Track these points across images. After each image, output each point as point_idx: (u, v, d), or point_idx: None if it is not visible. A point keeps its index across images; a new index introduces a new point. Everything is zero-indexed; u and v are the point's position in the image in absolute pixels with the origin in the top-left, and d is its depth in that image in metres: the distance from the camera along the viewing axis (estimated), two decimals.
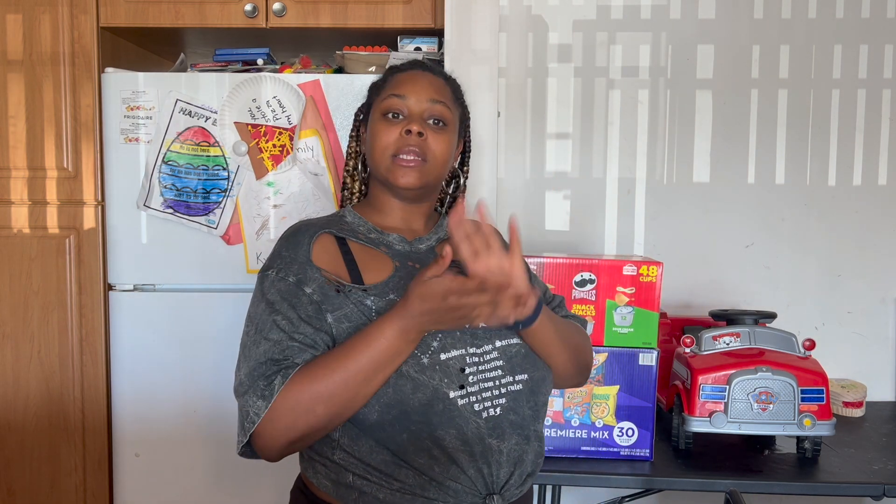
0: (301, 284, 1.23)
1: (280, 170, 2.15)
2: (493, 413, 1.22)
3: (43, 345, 2.28)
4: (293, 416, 1.16)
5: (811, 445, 1.86)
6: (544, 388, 1.32)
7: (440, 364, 1.20)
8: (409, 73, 1.39)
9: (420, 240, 1.37)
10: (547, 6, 2.39)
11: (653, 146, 2.42)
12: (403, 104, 1.34)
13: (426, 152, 1.32)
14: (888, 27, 2.38)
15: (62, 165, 2.25)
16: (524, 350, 1.28)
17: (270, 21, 2.27)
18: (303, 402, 1.16)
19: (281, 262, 1.26)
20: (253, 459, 1.29)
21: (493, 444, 1.21)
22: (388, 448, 1.19)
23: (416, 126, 1.31)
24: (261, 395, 1.19)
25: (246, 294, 2.17)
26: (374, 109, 1.38)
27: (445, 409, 1.18)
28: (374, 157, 1.35)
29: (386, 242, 1.34)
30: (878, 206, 2.41)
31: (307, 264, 1.25)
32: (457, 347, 1.22)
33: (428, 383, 1.18)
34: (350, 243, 1.31)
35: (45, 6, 2.22)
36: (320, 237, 1.29)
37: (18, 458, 2.30)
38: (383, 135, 1.33)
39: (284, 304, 1.22)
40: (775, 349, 1.88)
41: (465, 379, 1.20)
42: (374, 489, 1.19)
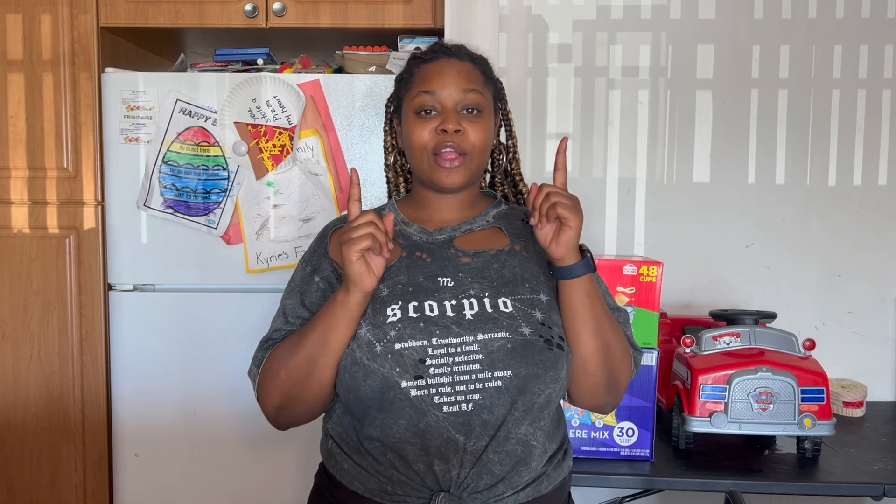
0: (314, 273, 1.35)
1: (280, 170, 2.15)
2: (464, 408, 1.18)
3: (43, 345, 2.28)
4: (268, 380, 1.29)
5: (811, 445, 1.86)
6: (537, 388, 1.21)
7: (393, 353, 1.20)
8: (437, 64, 1.35)
9: (441, 230, 1.36)
10: (547, 6, 2.39)
11: (653, 146, 2.42)
12: (435, 100, 1.32)
13: (465, 146, 1.31)
14: (888, 27, 2.38)
15: (62, 165, 2.25)
16: (511, 346, 1.21)
17: (270, 21, 2.27)
18: (273, 367, 1.29)
19: (309, 252, 1.40)
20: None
21: (459, 439, 1.18)
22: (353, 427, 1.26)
23: (452, 124, 1.30)
24: (257, 365, 1.33)
25: (246, 294, 2.18)
26: (406, 106, 1.37)
27: (396, 399, 1.19)
28: (413, 156, 1.35)
29: (405, 234, 1.36)
30: (878, 206, 2.41)
31: (324, 256, 1.36)
32: (416, 338, 1.20)
33: (378, 371, 1.19)
34: None
35: (45, 6, 2.22)
36: (337, 231, 1.37)
37: (18, 458, 2.30)
38: (418, 133, 1.32)
39: (297, 292, 1.35)
40: (775, 349, 1.88)
41: (424, 370, 1.18)
42: (343, 459, 1.28)
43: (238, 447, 2.20)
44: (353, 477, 1.25)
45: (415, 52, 1.43)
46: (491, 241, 1.36)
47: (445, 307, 1.24)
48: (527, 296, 1.27)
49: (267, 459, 2.20)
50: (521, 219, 1.41)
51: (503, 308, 1.24)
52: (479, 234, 1.37)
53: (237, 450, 2.20)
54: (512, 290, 1.27)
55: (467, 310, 1.24)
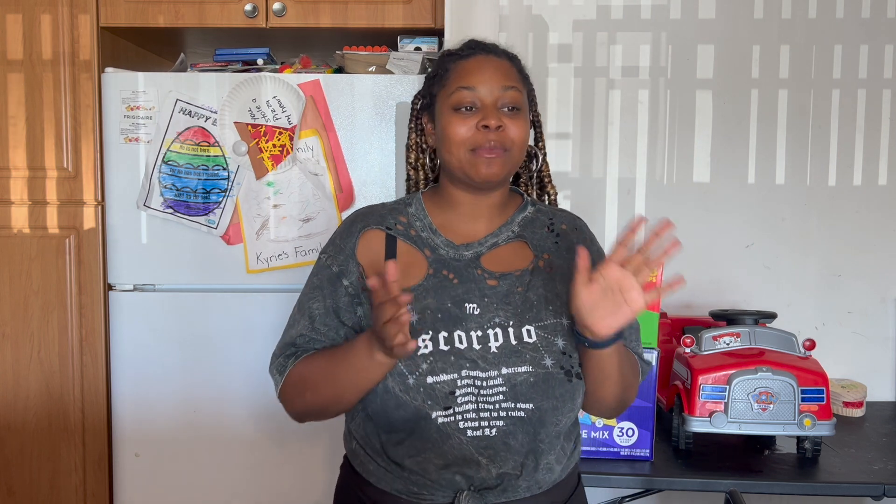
0: (341, 276, 1.31)
1: (280, 170, 2.15)
2: (487, 433, 1.22)
3: (43, 345, 2.28)
4: (292, 394, 1.32)
5: (811, 445, 1.86)
6: (556, 419, 1.26)
7: (425, 387, 1.22)
8: (475, 60, 1.32)
9: (469, 246, 1.33)
10: (547, 6, 2.39)
11: (653, 146, 2.42)
12: (475, 96, 1.29)
13: (506, 142, 1.29)
14: (888, 27, 2.38)
15: (62, 165, 2.25)
16: (533, 379, 1.24)
17: (270, 21, 2.27)
18: (298, 385, 1.30)
19: (333, 248, 1.35)
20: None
21: (482, 461, 1.23)
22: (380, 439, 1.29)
23: (494, 120, 1.27)
24: (278, 371, 1.33)
25: (246, 294, 2.18)
26: (442, 103, 1.33)
27: (427, 427, 1.22)
28: (449, 152, 1.31)
29: (432, 245, 1.33)
30: (878, 206, 2.41)
31: (351, 257, 1.32)
32: (447, 372, 1.22)
33: (410, 403, 1.22)
34: (399, 242, 1.32)
35: (45, 6, 2.22)
36: (368, 232, 1.33)
37: (18, 458, 2.30)
38: (457, 129, 1.29)
39: (323, 292, 1.32)
40: (775, 349, 1.88)
41: (452, 401, 1.22)
42: (368, 460, 1.30)
43: (238, 447, 2.20)
44: (379, 477, 1.29)
45: (448, 50, 1.38)
46: (516, 259, 1.34)
47: (472, 339, 1.25)
48: (550, 321, 1.28)
49: (267, 459, 2.20)
50: (546, 226, 1.39)
51: (527, 338, 1.26)
52: (505, 249, 1.35)
53: (237, 449, 2.20)
54: (536, 316, 1.28)
55: (492, 341, 1.25)
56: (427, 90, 1.39)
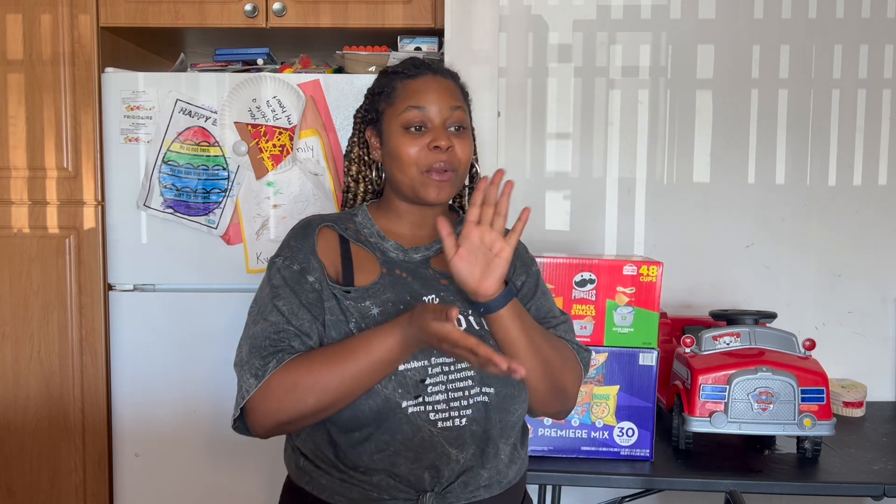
0: (304, 273, 1.28)
1: (280, 170, 2.15)
2: (457, 423, 1.24)
3: (43, 345, 2.28)
4: (284, 399, 1.21)
5: (811, 445, 1.86)
6: (514, 407, 1.28)
7: (396, 374, 1.22)
8: (423, 80, 1.36)
9: (416, 249, 1.37)
10: (547, 6, 2.39)
11: (653, 146, 2.42)
12: (424, 116, 1.33)
13: (454, 162, 1.33)
14: (888, 27, 2.38)
15: (62, 165, 2.25)
16: None
17: (270, 21, 2.27)
18: (296, 390, 1.20)
19: (289, 250, 1.32)
20: (244, 436, 1.32)
21: (452, 452, 1.24)
22: (337, 442, 1.25)
23: (444, 141, 1.31)
24: (254, 374, 1.23)
25: (246, 294, 2.18)
26: (391, 121, 1.35)
27: (394, 417, 1.22)
28: (400, 170, 1.33)
29: (381, 248, 1.35)
30: (878, 206, 2.41)
31: (311, 254, 1.30)
32: (418, 358, 1.24)
33: (381, 392, 1.22)
34: (352, 246, 1.34)
35: (45, 6, 2.22)
36: (323, 230, 1.34)
37: (18, 458, 2.30)
38: (409, 149, 1.32)
39: (287, 290, 1.27)
40: (775, 349, 1.88)
41: (422, 389, 1.23)
42: (319, 475, 1.27)
43: (238, 447, 2.20)
44: (333, 490, 1.26)
45: (391, 67, 1.42)
46: None
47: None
48: None
49: (267, 459, 2.20)
50: None
51: (485, 325, 1.29)
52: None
53: (237, 450, 2.20)
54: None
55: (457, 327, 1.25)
56: (372, 105, 1.41)
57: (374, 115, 1.40)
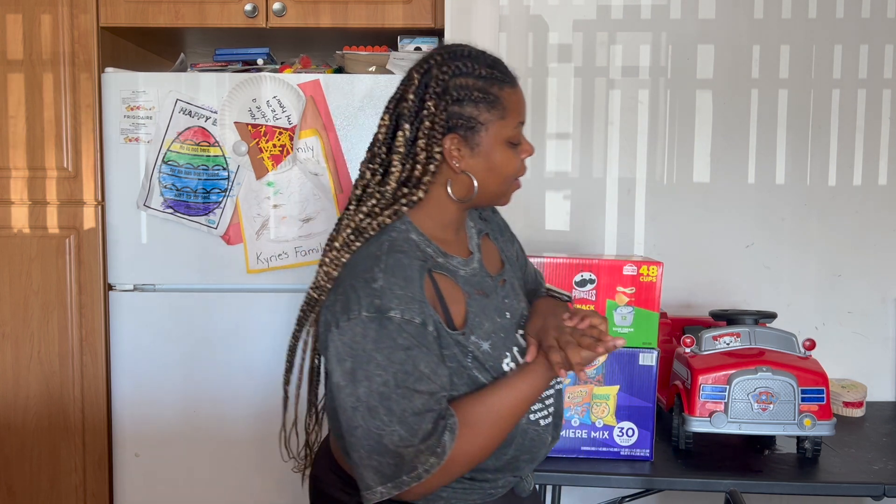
0: (425, 325, 1.19)
1: (280, 170, 2.15)
2: (548, 415, 1.35)
3: (43, 345, 2.28)
4: (466, 466, 1.23)
5: (811, 445, 1.86)
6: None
7: None
8: (520, 91, 1.30)
9: (471, 259, 1.34)
10: (547, 6, 2.39)
11: (653, 146, 2.42)
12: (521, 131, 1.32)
13: None
14: (888, 27, 2.38)
15: (62, 165, 2.25)
16: None
17: (270, 21, 2.27)
18: (475, 455, 1.22)
19: (400, 302, 1.17)
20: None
21: (548, 439, 1.36)
22: None
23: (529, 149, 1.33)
24: (433, 454, 1.17)
25: (246, 294, 2.18)
26: (496, 133, 1.26)
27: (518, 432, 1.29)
28: (495, 181, 1.29)
29: (452, 268, 1.29)
30: (878, 206, 2.40)
31: (424, 303, 1.19)
32: None
33: None
34: (436, 275, 1.25)
35: (45, 6, 2.22)
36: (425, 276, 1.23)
37: (18, 458, 2.30)
38: (511, 163, 1.29)
39: (422, 350, 1.18)
40: (775, 349, 1.88)
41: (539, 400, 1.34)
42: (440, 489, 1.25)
43: (238, 447, 2.20)
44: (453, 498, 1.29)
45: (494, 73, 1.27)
46: (492, 253, 1.43)
47: (520, 341, 1.34)
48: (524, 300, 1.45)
49: (267, 459, 2.20)
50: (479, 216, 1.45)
51: None
52: (484, 247, 1.42)
53: (237, 450, 2.20)
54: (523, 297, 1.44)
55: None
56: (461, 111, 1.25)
57: (463, 122, 1.25)
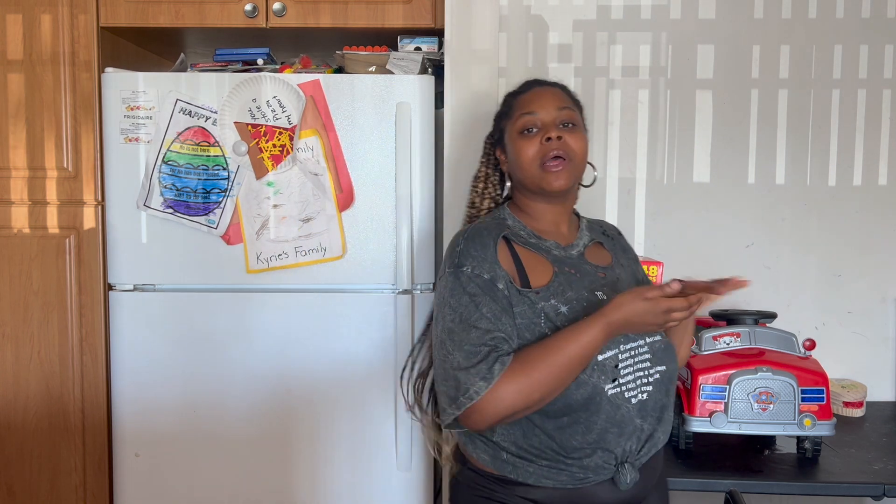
0: (494, 281, 1.42)
1: (280, 170, 2.15)
2: (642, 398, 1.43)
3: (43, 345, 2.28)
4: (514, 398, 1.35)
5: (811, 445, 1.86)
6: (675, 378, 1.52)
7: (597, 364, 1.40)
8: (533, 93, 1.56)
9: (571, 246, 1.55)
10: (547, 6, 2.39)
11: (653, 146, 2.42)
12: (536, 119, 1.52)
13: (568, 151, 1.50)
14: (888, 27, 2.38)
15: (62, 165, 2.25)
16: (664, 345, 1.48)
17: (270, 21, 2.27)
18: (524, 389, 1.35)
19: (473, 260, 1.43)
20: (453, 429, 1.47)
21: (639, 423, 1.43)
22: (545, 432, 1.41)
23: (554, 132, 1.49)
24: (482, 377, 1.35)
25: (246, 294, 2.18)
26: (510, 131, 1.55)
27: (602, 401, 1.39)
28: (522, 169, 1.52)
29: (544, 248, 1.51)
30: (878, 206, 2.41)
31: (496, 264, 1.43)
32: (611, 348, 1.42)
33: (588, 381, 1.39)
34: (516, 246, 1.48)
35: (45, 6, 2.22)
36: (500, 243, 1.46)
37: (18, 458, 2.30)
38: (526, 149, 1.51)
39: (486, 297, 1.40)
40: (775, 349, 1.88)
41: (617, 373, 1.41)
42: (525, 465, 1.43)
43: (238, 447, 2.20)
44: (541, 475, 1.42)
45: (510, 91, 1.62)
46: (602, 256, 1.59)
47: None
48: None
49: (267, 459, 2.20)
50: (600, 231, 1.65)
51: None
52: (592, 249, 1.59)
53: (237, 449, 2.20)
54: None
55: None
56: (497, 127, 1.61)
57: (499, 135, 1.60)
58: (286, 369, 2.16)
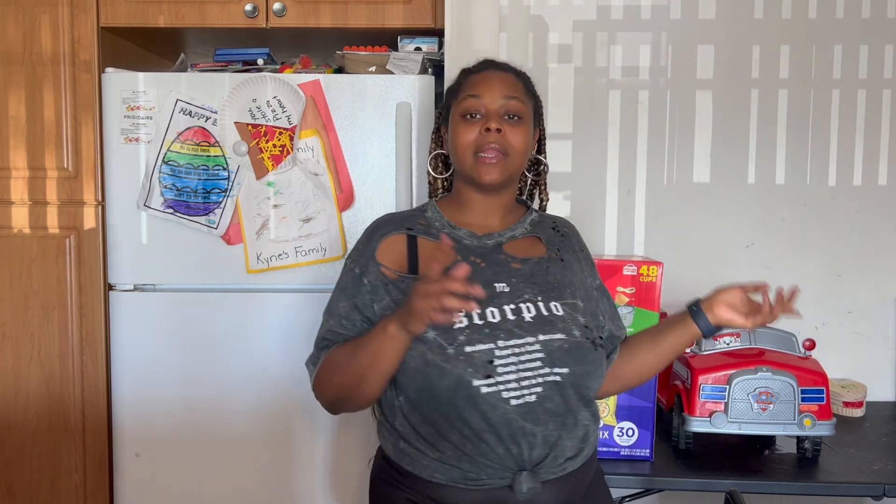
0: (362, 276, 1.43)
1: (280, 170, 2.15)
2: (529, 400, 1.32)
3: (43, 345, 2.28)
4: (323, 381, 1.43)
5: (811, 445, 1.86)
6: (590, 384, 1.39)
7: (465, 355, 1.32)
8: (483, 74, 1.48)
9: (490, 235, 1.47)
10: (547, 6, 2.39)
11: (653, 146, 2.42)
12: (480, 104, 1.44)
13: (506, 146, 1.43)
14: (888, 27, 2.38)
15: (62, 165, 2.25)
16: (567, 346, 1.36)
17: (270, 21, 2.27)
18: (328, 371, 1.41)
19: (356, 253, 1.47)
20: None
21: (527, 427, 1.32)
22: (430, 423, 1.35)
23: (494, 123, 1.42)
24: (313, 363, 1.45)
25: (246, 294, 2.18)
26: (454, 111, 1.48)
27: (470, 396, 1.31)
28: (456, 155, 1.46)
29: (455, 237, 1.46)
30: (878, 206, 2.40)
31: (371, 259, 1.43)
32: (484, 342, 1.33)
33: (452, 371, 1.31)
34: (420, 240, 1.45)
35: (45, 6, 2.22)
36: (389, 237, 1.45)
37: (18, 458, 2.30)
38: (464, 135, 1.44)
39: (348, 292, 1.44)
40: (775, 349, 1.88)
41: (493, 370, 1.32)
42: (419, 456, 1.37)
43: (238, 447, 2.20)
44: (434, 470, 1.36)
45: (464, 68, 1.54)
46: (533, 249, 1.49)
47: (506, 311, 1.37)
48: (569, 300, 1.43)
49: (267, 459, 2.20)
50: (551, 227, 1.55)
51: (555, 311, 1.39)
52: (522, 241, 1.50)
53: (237, 449, 2.20)
54: (559, 295, 1.43)
55: (525, 313, 1.37)
56: (445, 102, 1.54)
57: (446, 111, 1.52)
58: (286, 369, 2.16)
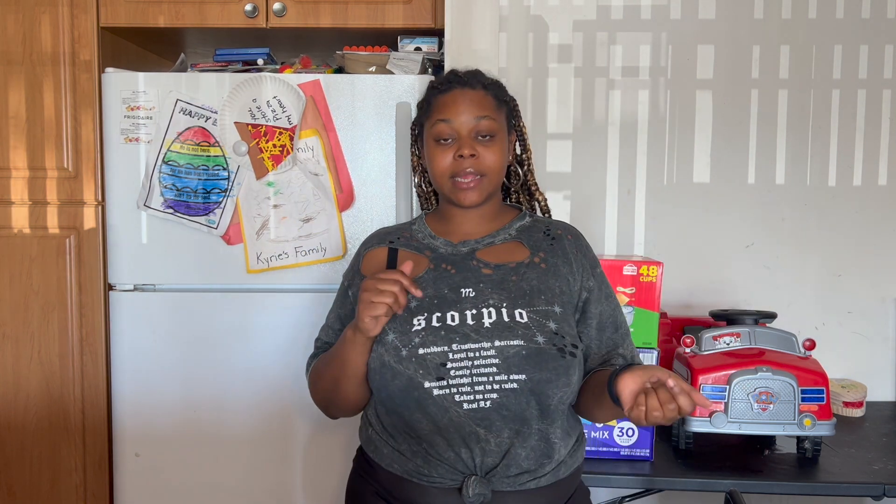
0: (348, 288, 1.52)
1: (280, 170, 2.15)
2: (482, 405, 1.31)
3: (43, 345, 2.28)
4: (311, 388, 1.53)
5: (811, 445, 1.86)
6: (551, 391, 1.33)
7: (417, 357, 1.33)
8: (451, 94, 1.46)
9: (465, 243, 1.48)
10: (547, 6, 2.39)
11: (653, 146, 2.42)
12: (451, 128, 1.44)
13: (482, 168, 1.44)
14: (888, 27, 2.38)
15: (62, 165, 2.25)
16: (525, 352, 1.32)
17: (270, 21, 2.27)
18: (314, 380, 1.52)
19: (348, 267, 1.57)
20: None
21: (480, 432, 1.32)
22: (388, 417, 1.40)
23: (467, 149, 1.42)
24: (308, 366, 1.56)
25: (246, 294, 2.18)
26: (427, 133, 1.49)
27: (421, 397, 1.32)
28: (434, 178, 1.48)
29: (433, 246, 1.49)
30: (878, 206, 2.41)
31: (357, 272, 1.51)
32: (438, 344, 1.33)
33: (404, 372, 1.33)
34: (400, 252, 1.48)
35: (45, 6, 2.22)
36: (371, 251, 1.52)
37: (18, 458, 2.30)
38: (439, 161, 1.45)
39: (336, 304, 1.55)
40: (775, 349, 1.88)
41: (445, 372, 1.32)
42: (382, 444, 1.41)
43: (238, 446, 2.20)
44: (392, 460, 1.39)
45: (432, 82, 1.53)
46: (512, 254, 1.47)
47: (466, 316, 1.36)
48: (542, 307, 1.38)
49: (267, 459, 2.20)
50: (543, 231, 1.51)
51: (519, 318, 1.36)
52: (501, 246, 1.48)
53: (237, 449, 2.20)
54: (528, 302, 1.38)
55: (486, 319, 1.36)
56: (418, 119, 1.55)
57: (419, 130, 1.54)
58: (286, 369, 2.16)
